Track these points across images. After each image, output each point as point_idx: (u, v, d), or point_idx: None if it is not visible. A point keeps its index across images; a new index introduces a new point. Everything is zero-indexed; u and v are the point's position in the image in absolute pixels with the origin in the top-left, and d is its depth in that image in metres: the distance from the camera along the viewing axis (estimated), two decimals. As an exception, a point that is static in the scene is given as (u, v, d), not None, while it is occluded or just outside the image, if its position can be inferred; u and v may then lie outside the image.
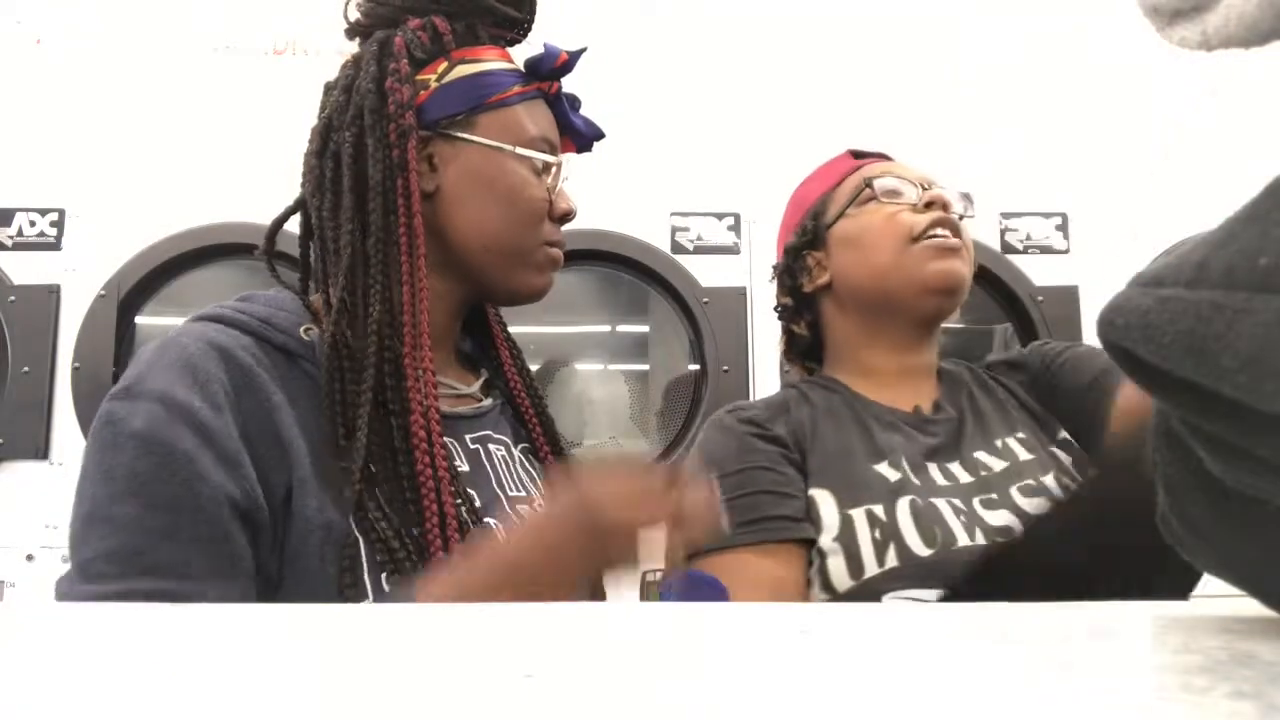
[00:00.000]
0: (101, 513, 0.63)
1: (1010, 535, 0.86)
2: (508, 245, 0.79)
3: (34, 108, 2.12)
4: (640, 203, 2.12)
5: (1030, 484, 0.90)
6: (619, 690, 0.26)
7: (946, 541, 0.85)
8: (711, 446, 0.99)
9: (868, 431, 0.97)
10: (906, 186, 1.02)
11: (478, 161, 0.79)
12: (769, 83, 2.25)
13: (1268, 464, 0.28)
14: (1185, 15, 0.34)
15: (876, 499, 0.89)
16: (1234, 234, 0.28)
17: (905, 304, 0.99)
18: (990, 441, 0.96)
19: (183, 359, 0.67)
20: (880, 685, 0.26)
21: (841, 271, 1.03)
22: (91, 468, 0.65)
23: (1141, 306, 0.30)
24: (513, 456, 0.86)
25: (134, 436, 0.64)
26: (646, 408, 2.20)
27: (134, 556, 0.62)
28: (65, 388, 1.98)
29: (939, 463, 0.94)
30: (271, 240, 0.81)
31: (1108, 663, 0.30)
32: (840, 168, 1.09)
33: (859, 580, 0.86)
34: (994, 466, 0.93)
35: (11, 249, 2.03)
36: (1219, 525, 0.34)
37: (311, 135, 0.81)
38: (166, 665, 0.29)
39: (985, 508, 0.89)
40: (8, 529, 1.93)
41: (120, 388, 0.67)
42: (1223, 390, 0.27)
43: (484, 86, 0.79)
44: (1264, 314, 0.26)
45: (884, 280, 0.99)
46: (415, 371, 0.74)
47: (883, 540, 0.87)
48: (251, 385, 0.69)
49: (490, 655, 0.31)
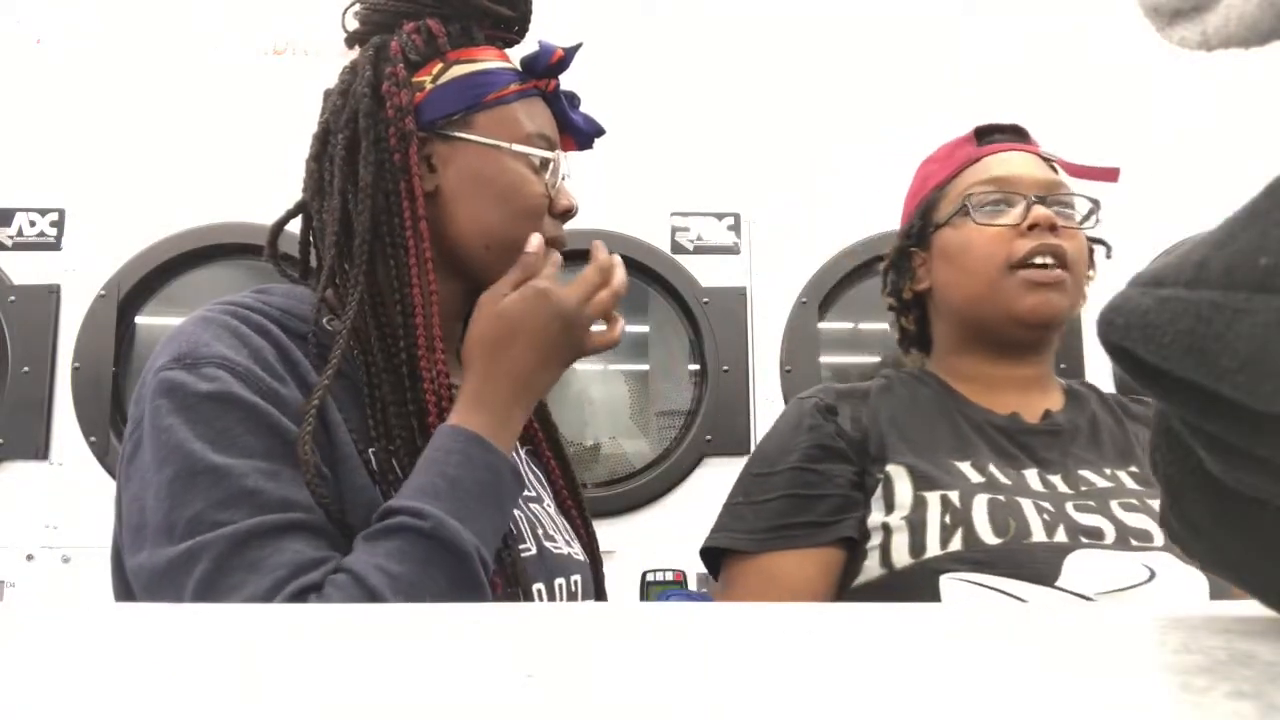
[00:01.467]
0: (200, 466, 0.63)
1: (1100, 536, 0.84)
2: (507, 242, 0.79)
3: (34, 108, 2.12)
4: (640, 203, 2.12)
5: (1133, 502, 0.88)
6: (619, 690, 0.26)
7: (1020, 534, 0.83)
8: (769, 436, 1.00)
9: (956, 428, 0.95)
10: (1015, 199, 0.96)
11: (476, 160, 0.79)
12: (769, 83, 2.25)
13: (1268, 464, 0.28)
14: (1185, 15, 0.34)
15: (953, 487, 0.88)
16: (1234, 234, 0.28)
17: (998, 330, 0.97)
18: (1100, 467, 0.92)
19: (228, 330, 0.68)
20: (881, 685, 0.26)
21: (940, 283, 1.01)
22: (162, 433, 0.64)
23: (1141, 306, 0.30)
24: (520, 457, 0.86)
25: (209, 397, 0.64)
26: (646, 408, 2.20)
27: (250, 495, 0.62)
28: (65, 388, 1.98)
29: (1040, 471, 0.92)
30: (274, 243, 0.81)
31: (1108, 663, 0.30)
32: (961, 155, 1.02)
33: (919, 559, 0.85)
34: (1097, 484, 0.91)
35: (11, 249, 2.03)
36: (1219, 525, 0.34)
37: (312, 141, 0.81)
38: (166, 665, 0.29)
39: (1079, 511, 0.87)
40: (8, 529, 1.93)
41: (169, 358, 0.67)
42: (1223, 390, 0.27)
43: (480, 85, 0.80)
44: (1264, 314, 0.26)
45: (977, 306, 0.97)
46: (430, 373, 0.74)
47: (951, 525, 0.85)
48: (292, 360, 0.70)
49: (490, 655, 0.31)
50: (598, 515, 0.98)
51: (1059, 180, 0.99)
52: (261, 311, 0.73)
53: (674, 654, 0.32)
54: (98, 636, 0.35)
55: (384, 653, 0.31)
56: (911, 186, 1.08)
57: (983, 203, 0.97)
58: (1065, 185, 0.99)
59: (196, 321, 0.70)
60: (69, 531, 1.93)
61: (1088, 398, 1.02)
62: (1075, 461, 0.93)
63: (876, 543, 0.89)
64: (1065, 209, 0.98)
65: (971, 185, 0.98)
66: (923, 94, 2.23)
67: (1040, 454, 0.93)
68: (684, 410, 2.12)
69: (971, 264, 0.96)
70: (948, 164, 1.03)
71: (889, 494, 0.90)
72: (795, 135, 2.19)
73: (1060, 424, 0.96)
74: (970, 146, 1.02)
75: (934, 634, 0.35)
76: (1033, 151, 1.01)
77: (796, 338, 2.09)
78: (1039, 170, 0.99)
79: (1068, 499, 0.88)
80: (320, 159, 0.79)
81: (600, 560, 0.91)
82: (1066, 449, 0.94)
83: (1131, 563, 0.82)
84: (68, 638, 0.34)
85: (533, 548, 0.78)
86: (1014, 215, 0.95)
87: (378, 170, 0.76)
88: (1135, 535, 0.84)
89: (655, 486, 2.02)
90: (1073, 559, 0.82)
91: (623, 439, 2.18)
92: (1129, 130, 2.23)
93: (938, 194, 1.02)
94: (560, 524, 0.86)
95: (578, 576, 0.82)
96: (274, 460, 0.64)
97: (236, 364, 0.66)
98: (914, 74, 2.26)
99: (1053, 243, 0.93)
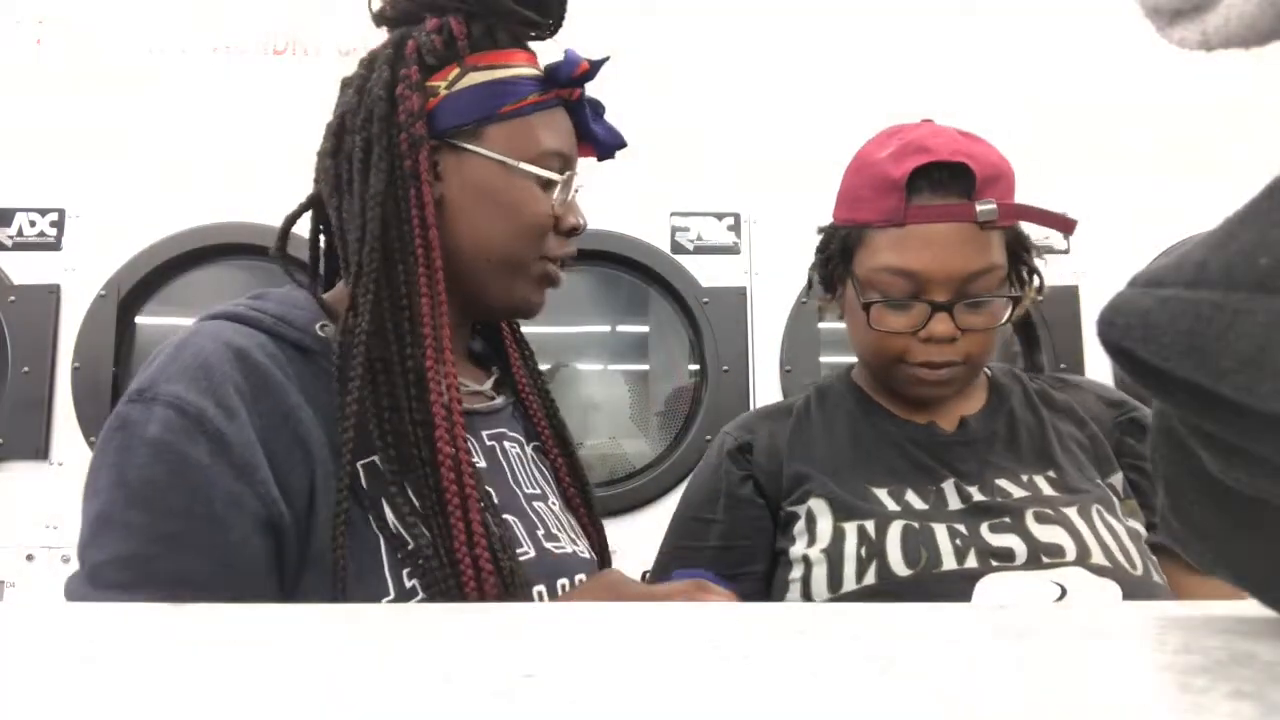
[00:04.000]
0: (115, 517, 0.63)
1: (1010, 558, 0.85)
2: (504, 259, 0.78)
3: (34, 108, 2.12)
4: (640, 203, 2.12)
5: (1047, 512, 0.88)
6: (619, 690, 0.26)
7: (931, 563, 0.85)
8: (692, 483, 1.04)
9: (874, 448, 0.96)
10: (920, 299, 0.89)
11: (482, 174, 0.77)
12: (769, 83, 2.25)
13: (1268, 464, 0.28)
14: (1185, 15, 0.34)
15: (870, 516, 0.89)
16: (1234, 234, 0.28)
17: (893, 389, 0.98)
18: (1017, 474, 0.92)
19: (197, 361, 0.67)
20: (879, 685, 0.26)
21: (848, 327, 1.01)
22: (104, 470, 0.65)
23: (1141, 306, 0.30)
24: (526, 454, 0.86)
25: (148, 443, 0.64)
26: (646, 408, 2.20)
27: (145, 563, 0.62)
28: (65, 388, 1.98)
29: (957, 482, 0.92)
30: (284, 239, 0.80)
31: (1108, 663, 0.30)
32: (882, 204, 0.91)
33: (835, 594, 0.87)
34: (1013, 493, 0.90)
35: (11, 249, 2.03)
36: (1219, 525, 0.34)
37: (326, 133, 0.80)
38: (166, 665, 0.29)
39: (993, 531, 0.87)
40: (8, 529, 1.93)
41: (134, 390, 0.67)
42: (1223, 390, 0.27)
43: (496, 95, 0.78)
44: (1264, 314, 0.26)
45: (873, 369, 0.99)
46: (439, 385, 0.73)
47: (866, 557, 0.87)
48: (268, 386, 0.68)
49: (490, 655, 0.31)
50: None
51: (982, 268, 0.89)
52: (254, 322, 0.72)
53: (672, 653, 0.32)
54: (98, 636, 0.35)
55: (385, 652, 0.31)
56: (844, 183, 0.99)
57: (886, 295, 0.91)
58: (991, 270, 0.89)
59: (175, 345, 0.69)
60: (69, 531, 1.93)
61: (1010, 392, 1.00)
62: (992, 470, 0.92)
63: (798, 575, 0.91)
64: (979, 303, 0.90)
65: (882, 269, 0.90)
66: (923, 94, 2.23)
67: (957, 465, 0.93)
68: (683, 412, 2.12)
69: (866, 345, 0.96)
70: (870, 207, 0.92)
71: (811, 526, 0.92)
72: (795, 135, 2.19)
73: (976, 432, 0.96)
74: (898, 201, 0.90)
75: (931, 634, 0.35)
76: (965, 216, 0.88)
77: (796, 338, 2.09)
78: (961, 257, 0.88)
79: (984, 518, 0.88)
80: (336, 155, 0.78)
81: (609, 558, 0.91)
82: (983, 457, 0.94)
83: (1041, 582, 0.83)
84: (67, 638, 0.34)
85: (530, 550, 0.77)
86: (915, 316, 0.90)
87: (389, 176, 0.75)
88: (1046, 551, 0.85)
89: (655, 486, 2.02)
90: (983, 584, 0.83)
91: (623, 439, 2.18)
92: (1128, 130, 2.23)
93: (859, 233, 0.94)
94: (566, 522, 0.85)
95: (582, 575, 0.81)
96: (190, 521, 0.63)
97: (188, 405, 0.64)
98: (914, 73, 2.26)
99: (943, 359, 0.91)
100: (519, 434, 0.87)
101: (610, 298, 2.23)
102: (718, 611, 0.42)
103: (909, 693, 0.26)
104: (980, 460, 0.94)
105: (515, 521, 0.77)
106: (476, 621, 0.39)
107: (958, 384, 0.94)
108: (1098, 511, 0.88)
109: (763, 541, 0.96)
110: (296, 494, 0.67)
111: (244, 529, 0.64)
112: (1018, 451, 0.95)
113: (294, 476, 0.67)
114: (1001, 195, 0.91)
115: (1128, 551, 0.86)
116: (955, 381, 0.93)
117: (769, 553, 0.96)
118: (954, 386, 0.94)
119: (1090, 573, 0.83)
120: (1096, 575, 0.83)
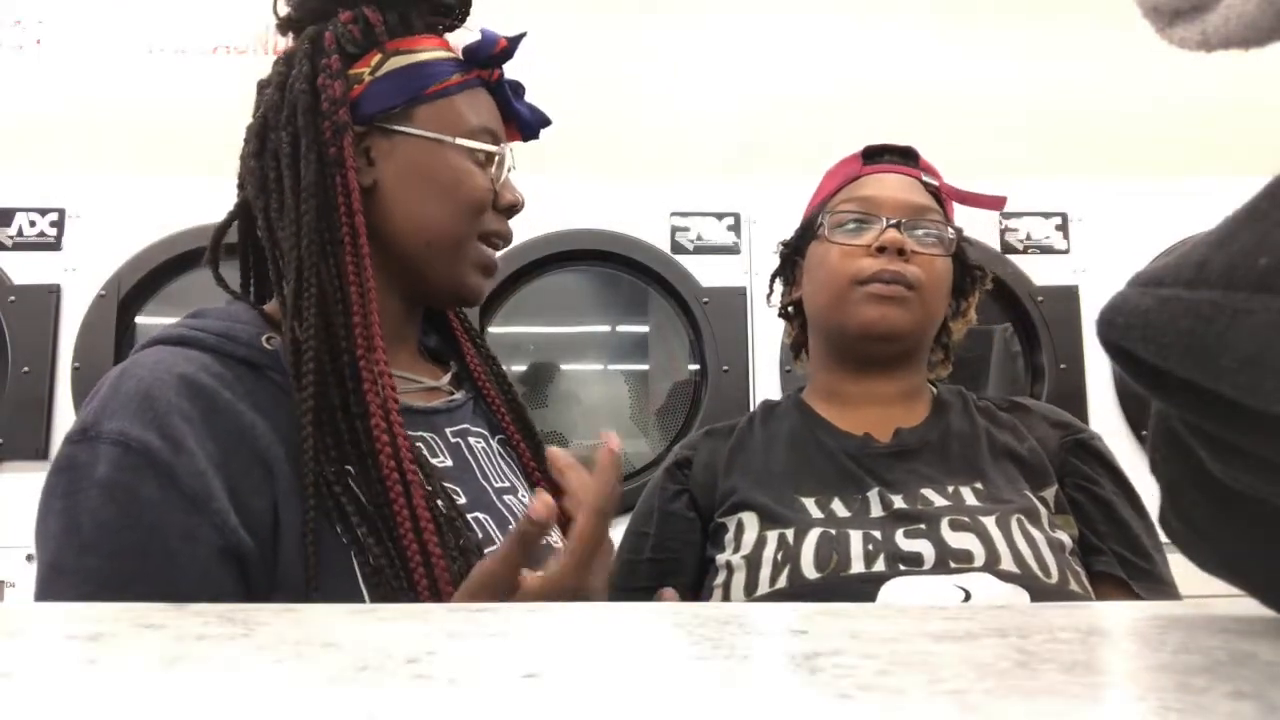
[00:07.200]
0: (67, 564, 0.62)
1: (919, 562, 0.86)
2: (443, 238, 0.77)
3: (34, 108, 2.12)
4: (640, 203, 2.12)
5: (964, 520, 0.89)
6: (619, 690, 0.26)
7: (840, 566, 0.86)
8: (642, 499, 1.08)
9: (809, 461, 0.98)
10: (872, 220, 0.99)
11: (416, 154, 0.77)
12: (769, 83, 2.25)
13: (1268, 464, 0.28)
14: (1185, 15, 0.34)
15: (792, 524, 0.91)
16: (1234, 234, 0.28)
17: (845, 343, 1.01)
18: (943, 484, 0.93)
19: (139, 392, 0.65)
20: (877, 684, 0.26)
21: (805, 294, 1.06)
22: (53, 516, 0.64)
23: (1141, 306, 0.30)
24: (492, 448, 0.85)
25: (97, 484, 0.62)
26: (646, 408, 2.20)
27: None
28: (65, 388, 1.98)
29: (882, 490, 0.93)
30: (216, 249, 0.79)
31: (1108, 663, 0.30)
32: (843, 171, 1.06)
33: (751, 596, 0.89)
34: (935, 502, 0.92)
35: (11, 249, 2.03)
36: (1219, 525, 0.34)
37: (247, 135, 0.79)
38: (166, 665, 0.29)
39: (907, 538, 0.88)
40: (8, 529, 1.93)
41: (77, 429, 0.65)
42: (1223, 390, 0.27)
43: (420, 77, 0.78)
44: (1264, 314, 0.26)
45: (828, 317, 1.01)
46: (371, 374, 0.71)
47: (781, 562, 0.89)
48: (217, 408, 0.66)
49: (490, 655, 0.31)
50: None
51: (927, 205, 1.01)
52: (196, 343, 0.70)
53: (672, 653, 0.32)
54: (97, 637, 0.35)
55: (384, 652, 0.31)
56: (810, 201, 1.12)
57: (842, 221, 1.00)
58: (934, 211, 1.01)
59: (115, 377, 0.67)
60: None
61: (950, 406, 1.03)
62: (918, 480, 0.94)
63: (720, 581, 0.93)
64: (927, 234, 0.99)
65: (840, 203, 1.02)
66: (923, 95, 2.23)
67: (884, 475, 0.95)
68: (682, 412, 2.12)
69: (824, 277, 1.00)
70: (833, 179, 1.07)
71: (739, 536, 0.94)
72: (795, 135, 2.19)
73: (908, 443, 0.98)
74: (856, 165, 1.05)
75: (929, 633, 0.35)
76: (912, 175, 1.03)
77: (796, 338, 2.09)
78: (907, 194, 1.01)
79: (900, 524, 0.89)
80: (261, 155, 0.77)
81: None
82: (912, 467, 0.96)
83: (946, 586, 0.84)
84: (67, 638, 0.34)
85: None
86: (868, 236, 0.98)
87: (319, 167, 0.74)
88: (955, 557, 0.86)
89: (655, 487, 2.02)
90: (888, 587, 0.85)
91: (622, 439, 2.18)
92: (1128, 130, 2.23)
93: (822, 207, 1.05)
94: None
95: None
96: (145, 560, 0.62)
97: (133, 440, 0.63)
98: (914, 74, 2.26)
99: (895, 268, 0.96)
100: (483, 428, 0.86)
101: (610, 298, 2.23)
102: (718, 611, 0.42)
103: (910, 692, 0.26)
104: (908, 470, 0.96)
105: (486, 519, 0.76)
106: (476, 621, 0.39)
107: (908, 317, 0.97)
108: (1018, 521, 0.89)
109: (690, 555, 0.99)
110: (258, 516, 0.65)
111: (202, 562, 0.62)
112: (948, 462, 0.97)
113: (255, 497, 0.65)
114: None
115: (1043, 560, 0.86)
116: (906, 307, 0.97)
117: (698, 564, 0.99)
118: (905, 313, 0.97)
119: (997, 578, 0.84)
120: (1004, 581, 0.84)
